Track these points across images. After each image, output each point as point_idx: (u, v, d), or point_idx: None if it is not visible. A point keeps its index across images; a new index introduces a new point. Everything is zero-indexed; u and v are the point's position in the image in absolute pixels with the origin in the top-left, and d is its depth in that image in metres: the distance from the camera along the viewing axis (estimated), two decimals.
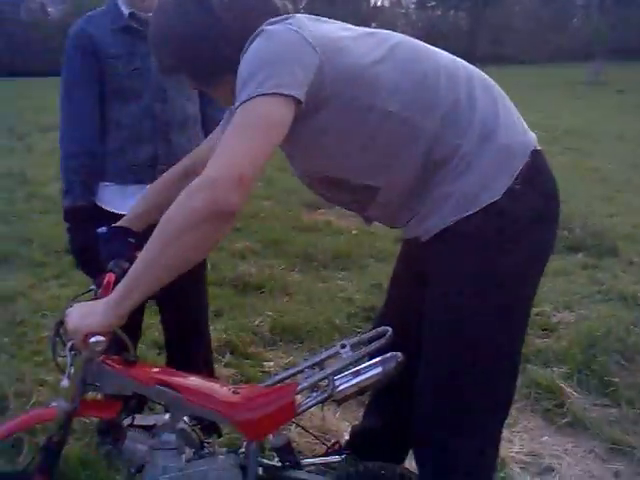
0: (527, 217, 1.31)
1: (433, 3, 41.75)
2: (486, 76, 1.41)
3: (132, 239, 1.55)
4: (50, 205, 5.71)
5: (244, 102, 1.16)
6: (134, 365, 1.32)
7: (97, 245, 1.55)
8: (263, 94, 1.15)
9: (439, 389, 1.38)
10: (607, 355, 2.87)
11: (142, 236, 1.52)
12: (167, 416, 1.39)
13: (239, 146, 1.13)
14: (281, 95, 1.16)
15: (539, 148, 1.36)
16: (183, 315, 2.21)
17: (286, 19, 1.29)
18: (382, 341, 1.33)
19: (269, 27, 1.25)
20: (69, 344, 1.25)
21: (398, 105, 1.28)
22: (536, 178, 1.33)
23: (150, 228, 1.17)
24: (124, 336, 1.26)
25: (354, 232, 5.10)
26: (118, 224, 1.60)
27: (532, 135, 1.38)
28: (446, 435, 1.36)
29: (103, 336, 1.19)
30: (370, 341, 1.35)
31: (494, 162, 1.29)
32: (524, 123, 1.40)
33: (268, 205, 6.12)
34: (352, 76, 1.26)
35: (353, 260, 4.46)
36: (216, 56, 1.32)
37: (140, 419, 1.42)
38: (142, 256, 1.13)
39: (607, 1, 38.60)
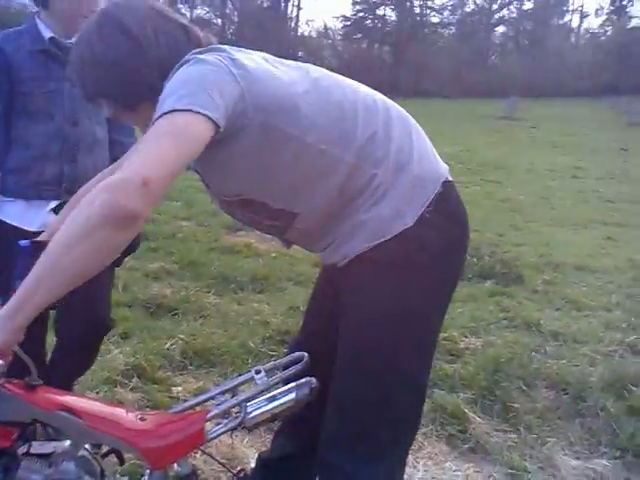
0: (436, 244, 1.36)
1: (359, 35, 42.93)
2: (402, 109, 1.47)
3: None
4: None
5: (163, 114, 1.15)
6: (35, 389, 1.26)
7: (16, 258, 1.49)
8: (182, 109, 1.14)
9: (343, 414, 1.40)
10: (510, 381, 2.98)
11: None
12: (67, 443, 1.33)
13: (148, 151, 1.11)
14: (199, 114, 1.15)
15: (450, 179, 1.42)
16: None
17: (212, 50, 1.31)
18: (298, 367, 1.32)
19: (197, 55, 1.27)
20: None
21: (316, 137, 1.31)
22: (446, 207, 1.39)
23: None
24: (25, 356, 1.20)
25: (273, 255, 5.09)
26: (40, 238, 1.54)
27: (444, 166, 1.45)
28: (347, 460, 1.38)
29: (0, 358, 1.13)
30: (286, 367, 1.34)
31: (407, 192, 1.34)
32: (437, 155, 1.46)
33: (187, 226, 6.01)
34: (273, 106, 1.28)
35: (271, 283, 4.44)
36: (139, 83, 1.32)
37: (37, 447, 1.34)
38: (39, 264, 1.06)
39: (522, 42, 40.96)
